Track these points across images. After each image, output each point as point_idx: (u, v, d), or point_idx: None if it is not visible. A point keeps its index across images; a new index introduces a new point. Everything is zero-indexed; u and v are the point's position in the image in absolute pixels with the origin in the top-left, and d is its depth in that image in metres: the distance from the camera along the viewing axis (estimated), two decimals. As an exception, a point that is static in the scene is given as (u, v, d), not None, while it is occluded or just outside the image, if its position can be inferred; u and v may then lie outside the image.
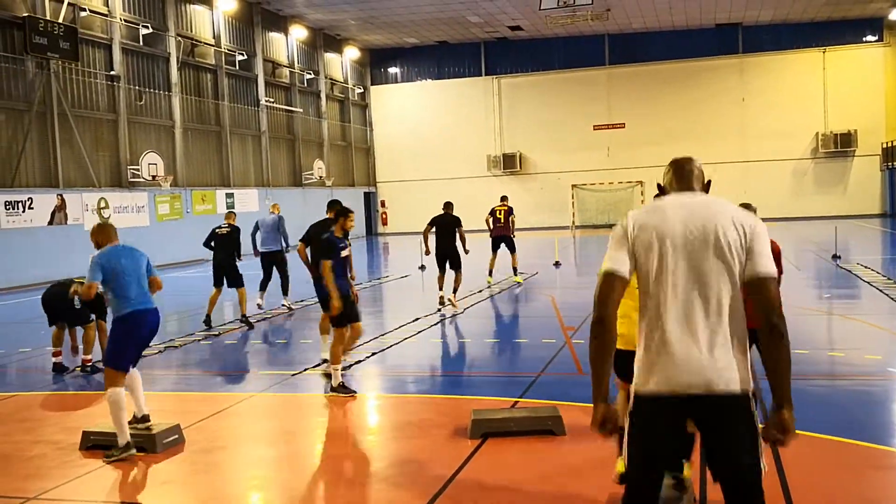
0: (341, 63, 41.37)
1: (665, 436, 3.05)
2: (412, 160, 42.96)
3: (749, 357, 3.04)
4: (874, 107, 38.31)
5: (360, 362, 9.41)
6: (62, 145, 22.82)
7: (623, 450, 3.16)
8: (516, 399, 7.47)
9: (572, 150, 41.16)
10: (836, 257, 18.88)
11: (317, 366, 9.30)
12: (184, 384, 8.98)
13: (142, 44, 26.23)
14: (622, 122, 40.75)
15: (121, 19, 25.40)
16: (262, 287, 14.45)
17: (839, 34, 38.40)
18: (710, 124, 39.07)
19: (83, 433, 6.48)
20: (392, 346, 10.43)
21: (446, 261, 13.82)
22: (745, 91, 39.40)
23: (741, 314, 3.02)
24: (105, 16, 24.82)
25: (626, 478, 3.16)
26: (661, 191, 3.31)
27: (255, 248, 14.58)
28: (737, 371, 2.96)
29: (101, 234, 6.74)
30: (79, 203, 22.75)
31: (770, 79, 39.09)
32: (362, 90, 43.54)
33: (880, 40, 38.46)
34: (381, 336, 11.08)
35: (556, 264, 20.87)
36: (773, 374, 2.95)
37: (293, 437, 6.84)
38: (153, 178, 25.58)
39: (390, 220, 43.94)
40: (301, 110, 36.74)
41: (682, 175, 3.25)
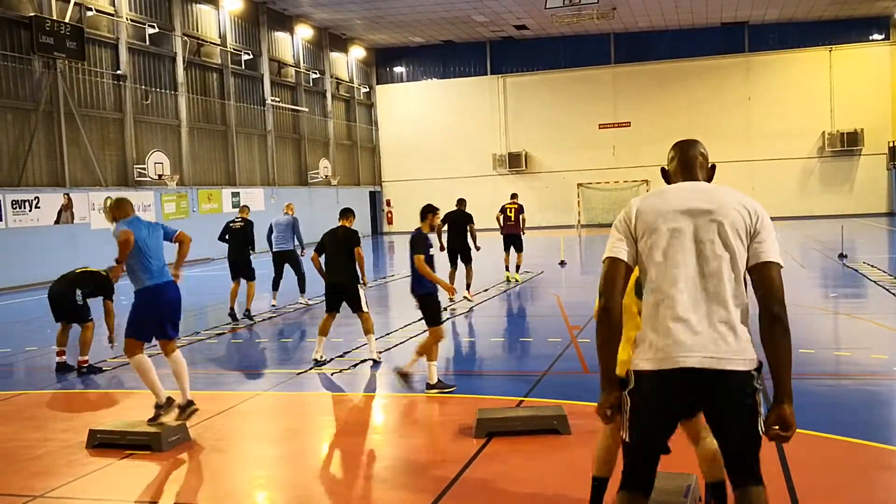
0: (347, 62, 41.40)
1: (663, 413, 3.06)
2: (417, 159, 42.96)
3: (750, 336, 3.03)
4: (881, 106, 38.20)
5: (366, 361, 9.43)
6: (69, 145, 22.90)
7: (623, 429, 3.16)
8: (521, 398, 7.47)
9: (578, 148, 41.13)
10: (843, 256, 18.81)
11: (321, 365, 9.32)
12: (190, 383, 8.98)
13: (148, 43, 26.31)
14: (628, 121, 40.71)
15: (127, 19, 25.47)
16: (275, 286, 14.56)
17: (846, 33, 38.29)
18: (716, 123, 38.95)
19: (89, 431, 6.49)
20: (397, 345, 10.43)
21: (457, 256, 14.35)
22: (751, 90, 39.32)
23: (743, 295, 3.01)
24: (111, 15, 24.89)
25: (625, 453, 3.18)
26: (665, 175, 3.32)
27: (272, 249, 14.69)
28: (739, 349, 2.94)
29: (119, 210, 6.81)
30: (85, 202, 22.82)
31: (776, 78, 39.00)
32: (368, 89, 43.56)
33: (887, 39, 38.35)
34: (387, 335, 11.08)
35: (562, 263, 20.84)
36: (774, 367, 2.93)
37: (298, 435, 6.84)
38: (159, 177, 25.65)
39: (396, 220, 43.96)
40: (307, 110, 36.79)
41: (687, 163, 3.25)
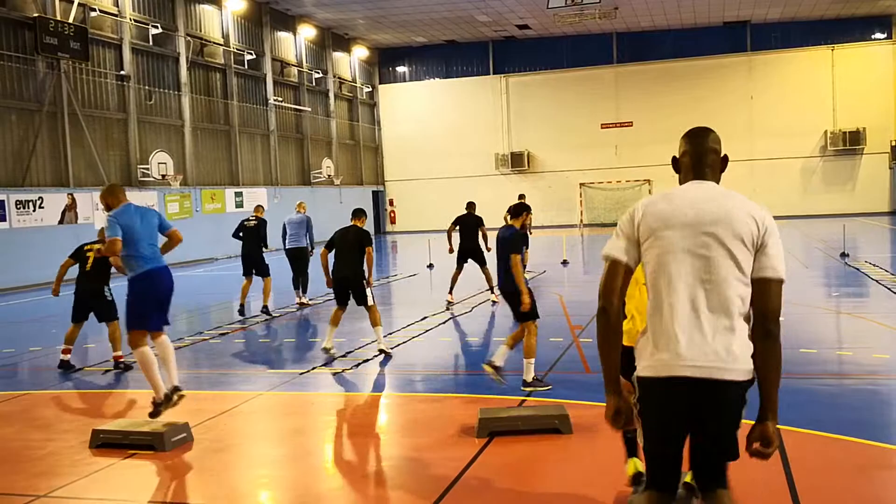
0: (350, 62, 41.42)
1: (667, 421, 3.02)
2: (420, 159, 42.99)
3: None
4: (883, 105, 38.16)
5: (368, 361, 9.45)
6: (72, 145, 22.94)
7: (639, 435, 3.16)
8: (523, 398, 7.48)
9: (580, 148, 41.13)
10: (845, 255, 18.80)
11: (323, 365, 9.34)
12: (193, 383, 9.00)
13: (151, 44, 26.35)
14: (630, 120, 40.70)
15: (131, 19, 25.52)
16: (295, 284, 14.66)
17: (848, 32, 38.26)
18: (719, 122, 38.69)
19: (93, 431, 6.50)
20: (400, 345, 10.46)
21: (467, 258, 14.34)
22: (753, 89, 39.30)
23: (746, 303, 2.96)
24: (115, 16, 24.93)
25: (646, 458, 3.16)
26: (675, 164, 3.24)
27: (285, 247, 14.79)
28: (738, 359, 2.90)
29: (111, 196, 6.76)
30: (89, 202, 22.86)
31: (778, 77, 38.98)
32: (370, 89, 43.59)
33: (889, 38, 38.31)
34: (389, 335, 11.10)
35: (564, 263, 20.85)
36: (763, 383, 2.91)
37: (301, 435, 6.86)
38: (163, 177, 25.69)
39: (398, 219, 44.01)
40: (310, 109, 36.82)
41: (698, 159, 3.13)
